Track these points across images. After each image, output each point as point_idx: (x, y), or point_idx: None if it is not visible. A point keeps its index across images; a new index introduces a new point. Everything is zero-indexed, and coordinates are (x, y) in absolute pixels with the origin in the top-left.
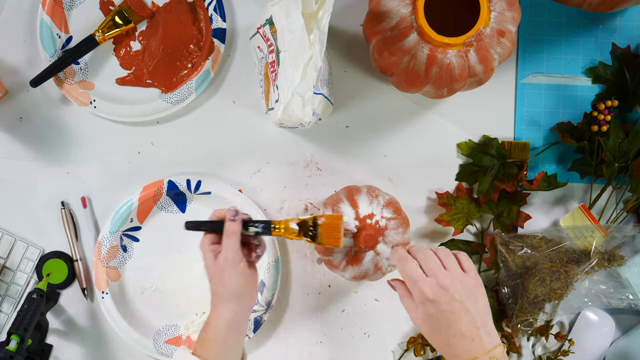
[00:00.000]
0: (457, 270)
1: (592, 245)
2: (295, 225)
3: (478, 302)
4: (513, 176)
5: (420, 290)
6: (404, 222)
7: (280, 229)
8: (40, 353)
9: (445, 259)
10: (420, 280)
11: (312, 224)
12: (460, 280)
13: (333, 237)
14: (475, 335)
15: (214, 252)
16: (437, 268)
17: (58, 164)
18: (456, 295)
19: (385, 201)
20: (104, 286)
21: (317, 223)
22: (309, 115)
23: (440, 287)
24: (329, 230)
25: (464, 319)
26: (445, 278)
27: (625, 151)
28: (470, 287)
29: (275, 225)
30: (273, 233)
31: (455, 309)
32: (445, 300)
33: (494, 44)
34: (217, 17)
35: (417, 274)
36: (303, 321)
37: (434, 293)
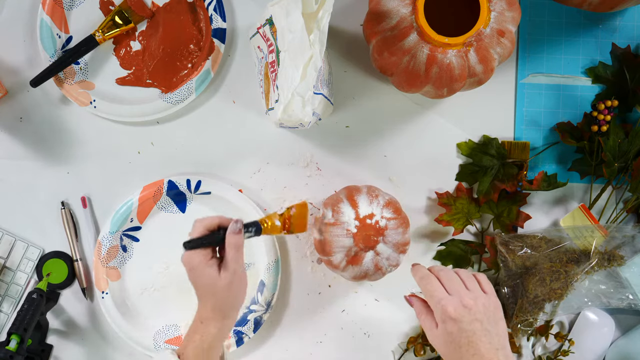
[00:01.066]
0: (479, 291)
1: (592, 245)
2: (278, 222)
3: (498, 324)
4: (513, 176)
5: (443, 309)
6: (404, 222)
7: (268, 228)
8: (40, 353)
9: (467, 280)
10: (444, 299)
11: (288, 217)
12: (482, 302)
13: (301, 225)
14: (494, 356)
15: (216, 265)
16: (460, 288)
17: (58, 164)
18: (478, 315)
19: (385, 201)
20: (104, 286)
21: (291, 214)
22: (309, 115)
23: (463, 306)
24: (298, 219)
25: (484, 340)
26: (468, 298)
27: (625, 151)
28: (492, 309)
29: (263, 226)
30: (263, 233)
31: (477, 329)
32: (468, 320)
33: (494, 44)
34: (217, 17)
35: (441, 292)
36: (303, 321)
37: (456, 312)
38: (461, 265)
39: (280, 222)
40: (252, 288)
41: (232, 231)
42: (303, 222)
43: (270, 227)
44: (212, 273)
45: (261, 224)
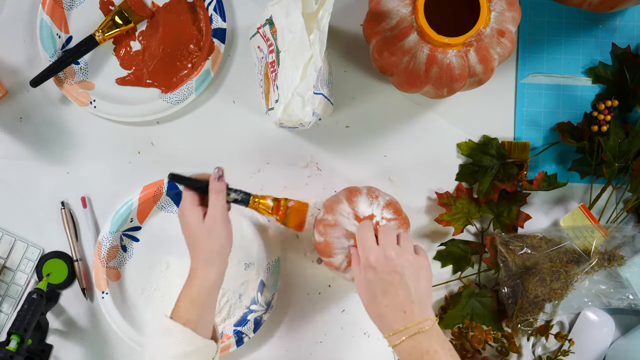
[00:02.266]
0: (409, 249)
1: (592, 245)
2: (270, 201)
3: (419, 282)
4: (513, 176)
5: (366, 256)
6: (404, 222)
7: (257, 202)
8: (40, 353)
9: (404, 240)
10: (370, 248)
11: (284, 205)
12: (407, 258)
13: (297, 222)
14: (408, 308)
15: (201, 212)
16: (390, 243)
17: (58, 164)
18: (398, 268)
19: (386, 202)
20: (104, 286)
21: (287, 205)
22: (309, 115)
23: (385, 256)
24: (295, 214)
25: (400, 292)
26: (392, 250)
27: (625, 151)
28: (416, 267)
29: (253, 199)
30: (250, 205)
31: (394, 280)
32: (386, 269)
33: (494, 44)
34: (217, 17)
35: (370, 242)
36: (303, 321)
37: (377, 261)
38: (462, 265)
39: (272, 203)
40: (252, 288)
41: (214, 177)
42: (300, 219)
43: (259, 204)
44: (196, 217)
45: (252, 196)
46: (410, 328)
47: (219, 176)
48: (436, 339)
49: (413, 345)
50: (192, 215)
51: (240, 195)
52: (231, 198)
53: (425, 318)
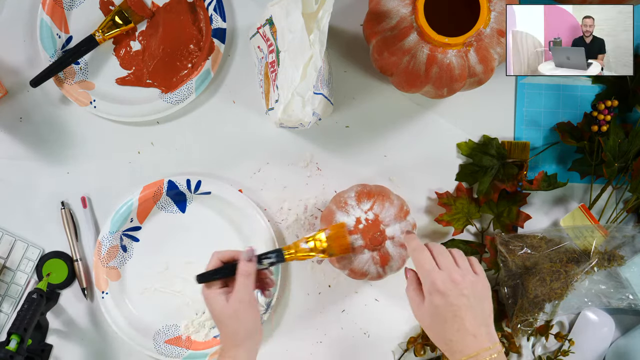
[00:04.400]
0: (469, 270)
1: (592, 245)
2: (305, 244)
3: (484, 303)
4: (513, 176)
5: (432, 281)
6: (413, 225)
7: (292, 253)
8: (40, 353)
9: (459, 258)
10: (434, 271)
11: (319, 238)
12: (470, 279)
13: (343, 246)
14: (478, 332)
15: (224, 295)
16: (451, 264)
17: (58, 164)
18: (465, 291)
19: (394, 204)
20: (104, 286)
21: (324, 238)
22: (309, 115)
23: (451, 280)
24: (337, 240)
25: (469, 315)
26: (457, 274)
27: (625, 151)
28: (479, 288)
29: (286, 251)
30: (287, 259)
31: (462, 304)
32: (454, 294)
33: (494, 44)
34: (217, 17)
35: (431, 264)
36: (303, 321)
37: (444, 285)
38: None
39: (308, 245)
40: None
41: (243, 259)
42: (344, 243)
43: (296, 252)
44: (220, 302)
45: (283, 250)
46: (482, 353)
47: (249, 258)
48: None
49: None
50: (214, 300)
51: (273, 257)
52: (265, 264)
53: (494, 343)
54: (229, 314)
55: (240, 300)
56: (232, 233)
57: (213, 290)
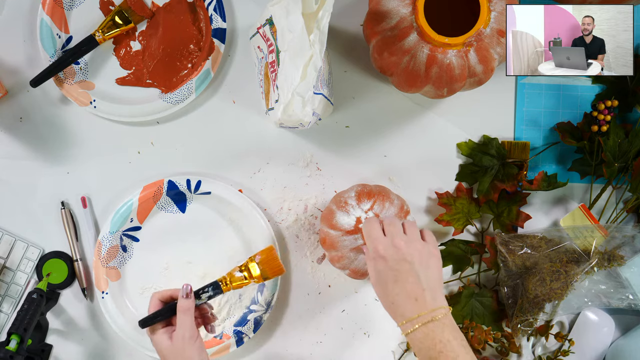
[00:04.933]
0: (416, 237)
1: (592, 245)
2: (239, 273)
3: (429, 269)
4: (513, 176)
5: (374, 247)
6: None
7: (229, 284)
8: (40, 353)
9: (409, 228)
10: (377, 238)
11: (252, 266)
12: (416, 247)
13: (274, 268)
14: (420, 296)
15: (167, 334)
16: (397, 231)
17: (58, 164)
18: (407, 257)
19: (394, 205)
20: (104, 286)
21: (255, 263)
22: (309, 115)
23: (393, 245)
24: (268, 263)
25: (410, 279)
26: (400, 240)
27: (625, 151)
28: (425, 255)
29: (222, 282)
30: (224, 290)
31: (404, 269)
32: (395, 258)
33: (494, 44)
34: (217, 17)
35: (378, 233)
36: (303, 321)
37: (385, 250)
38: (462, 265)
39: (242, 273)
40: (252, 288)
41: (180, 296)
42: (275, 263)
43: (231, 282)
44: (164, 341)
45: (219, 282)
46: (423, 316)
47: (186, 293)
48: (449, 328)
49: (426, 333)
50: (159, 341)
51: (210, 290)
52: (204, 299)
53: (438, 306)
54: (174, 352)
55: (182, 337)
56: (232, 233)
57: (157, 332)
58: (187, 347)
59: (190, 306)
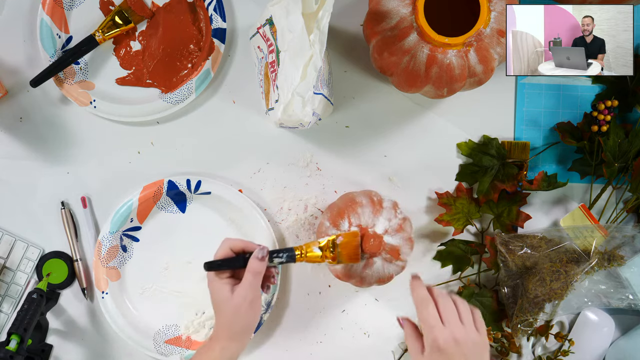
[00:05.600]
0: (472, 327)
1: (592, 245)
2: (317, 249)
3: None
4: (513, 176)
5: (434, 337)
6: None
7: (304, 255)
8: (40, 353)
9: (464, 313)
10: (437, 327)
11: (332, 245)
12: (472, 339)
13: (353, 255)
14: None
15: (230, 285)
16: (455, 320)
17: (58, 164)
18: (466, 350)
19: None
20: (104, 286)
21: (335, 243)
22: (309, 115)
23: (453, 339)
24: (348, 248)
25: None
26: (460, 332)
27: (625, 151)
28: (480, 348)
29: (297, 252)
30: (297, 260)
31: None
32: (455, 353)
33: (494, 44)
34: (217, 17)
35: (435, 319)
36: (303, 321)
37: (446, 343)
38: (462, 265)
39: (319, 250)
40: None
41: (255, 256)
42: (354, 252)
43: (307, 255)
44: (224, 291)
45: (295, 251)
46: None
47: (262, 256)
48: None
49: None
50: (219, 287)
51: (284, 257)
52: (276, 263)
53: None
54: (231, 307)
55: (244, 297)
56: (232, 233)
57: (219, 279)
58: (245, 308)
59: (262, 269)
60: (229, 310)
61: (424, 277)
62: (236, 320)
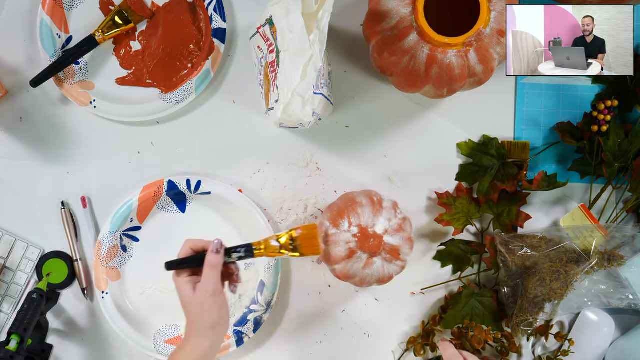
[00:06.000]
0: None
1: (592, 245)
2: (275, 242)
3: None
4: (513, 176)
5: None
6: (409, 240)
7: (261, 249)
8: (40, 353)
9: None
10: None
11: (290, 238)
12: None
13: (312, 247)
14: None
15: (192, 283)
16: None
17: (58, 164)
18: None
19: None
20: (104, 286)
21: (294, 236)
22: (309, 115)
23: None
24: (307, 240)
25: None
26: None
27: (625, 151)
28: None
29: (255, 247)
30: (255, 254)
31: None
32: None
33: (494, 44)
34: (217, 17)
35: None
36: (303, 321)
37: None
38: (462, 265)
39: (278, 242)
40: (252, 288)
41: (212, 250)
42: (314, 243)
43: (265, 248)
44: (187, 290)
45: (253, 246)
46: None
47: (217, 249)
48: None
49: None
50: (183, 288)
51: (242, 251)
52: (234, 258)
53: None
54: (194, 303)
55: (205, 290)
56: (232, 233)
57: (182, 278)
58: (209, 301)
59: (219, 262)
60: (193, 306)
61: (424, 277)
62: (202, 315)
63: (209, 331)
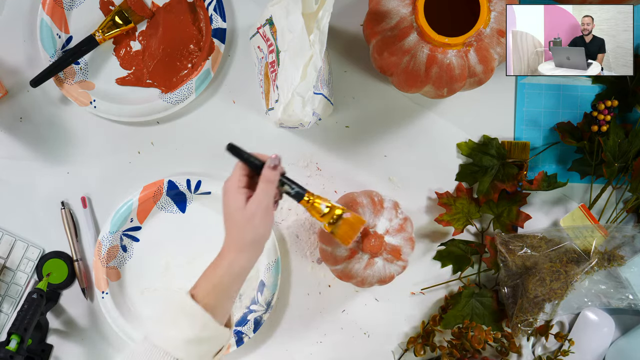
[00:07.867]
0: None
1: (592, 245)
2: (325, 207)
3: None
4: (513, 176)
5: None
6: (410, 240)
7: (310, 201)
8: (40, 353)
9: None
10: None
11: (338, 215)
12: None
13: (347, 236)
14: None
15: (244, 195)
16: None
17: (58, 164)
18: None
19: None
20: (104, 286)
21: (342, 216)
22: (309, 115)
23: None
24: (348, 226)
25: None
26: None
27: (625, 151)
28: None
29: (307, 197)
30: (301, 202)
31: None
32: None
33: (494, 44)
34: (217, 17)
35: None
36: (303, 321)
37: None
38: (462, 265)
39: (326, 210)
40: (252, 288)
41: (268, 165)
42: (351, 233)
43: (311, 205)
44: (238, 200)
45: (306, 195)
46: None
47: (274, 165)
48: None
49: None
50: (234, 197)
51: (294, 189)
52: (284, 190)
53: None
54: (244, 215)
55: (259, 204)
56: None
57: (236, 188)
58: (260, 215)
59: (275, 179)
60: (242, 219)
61: (424, 277)
62: (248, 229)
63: (249, 246)
